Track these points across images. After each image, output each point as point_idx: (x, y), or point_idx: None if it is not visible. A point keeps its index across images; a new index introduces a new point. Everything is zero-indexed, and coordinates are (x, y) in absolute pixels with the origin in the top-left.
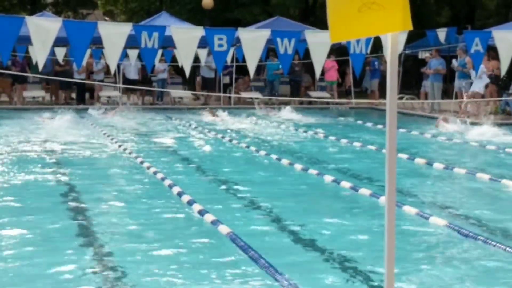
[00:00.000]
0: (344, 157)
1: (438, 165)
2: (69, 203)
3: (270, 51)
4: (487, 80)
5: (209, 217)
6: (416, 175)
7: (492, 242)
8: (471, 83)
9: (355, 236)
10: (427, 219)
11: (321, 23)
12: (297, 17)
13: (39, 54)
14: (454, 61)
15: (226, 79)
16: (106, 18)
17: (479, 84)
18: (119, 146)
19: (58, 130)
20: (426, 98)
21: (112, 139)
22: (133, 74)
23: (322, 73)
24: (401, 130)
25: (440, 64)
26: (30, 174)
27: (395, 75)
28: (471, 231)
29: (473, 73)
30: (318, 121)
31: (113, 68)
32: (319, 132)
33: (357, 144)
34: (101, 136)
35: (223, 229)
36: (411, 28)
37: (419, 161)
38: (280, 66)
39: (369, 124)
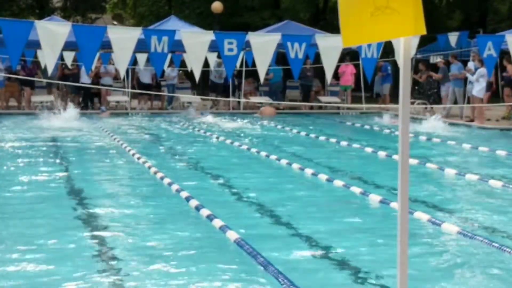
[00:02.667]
0: (355, 163)
1: (449, 171)
2: (73, 204)
3: (278, 55)
4: (484, 84)
5: (217, 222)
6: (427, 180)
7: (507, 249)
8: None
9: (366, 242)
10: (439, 225)
11: (332, 27)
12: (307, 21)
13: (48, 59)
14: (470, 63)
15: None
16: (115, 22)
17: (477, 87)
18: (126, 148)
19: (64, 131)
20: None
21: (117, 141)
22: (147, 79)
23: (336, 78)
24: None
25: (458, 69)
26: (37, 175)
27: (408, 80)
28: (485, 237)
29: (470, 77)
30: (324, 126)
31: (122, 73)
32: (330, 138)
33: (368, 149)
34: (108, 138)
35: (232, 235)
36: (424, 32)
37: (430, 165)
38: (272, 72)
39: (376, 129)
